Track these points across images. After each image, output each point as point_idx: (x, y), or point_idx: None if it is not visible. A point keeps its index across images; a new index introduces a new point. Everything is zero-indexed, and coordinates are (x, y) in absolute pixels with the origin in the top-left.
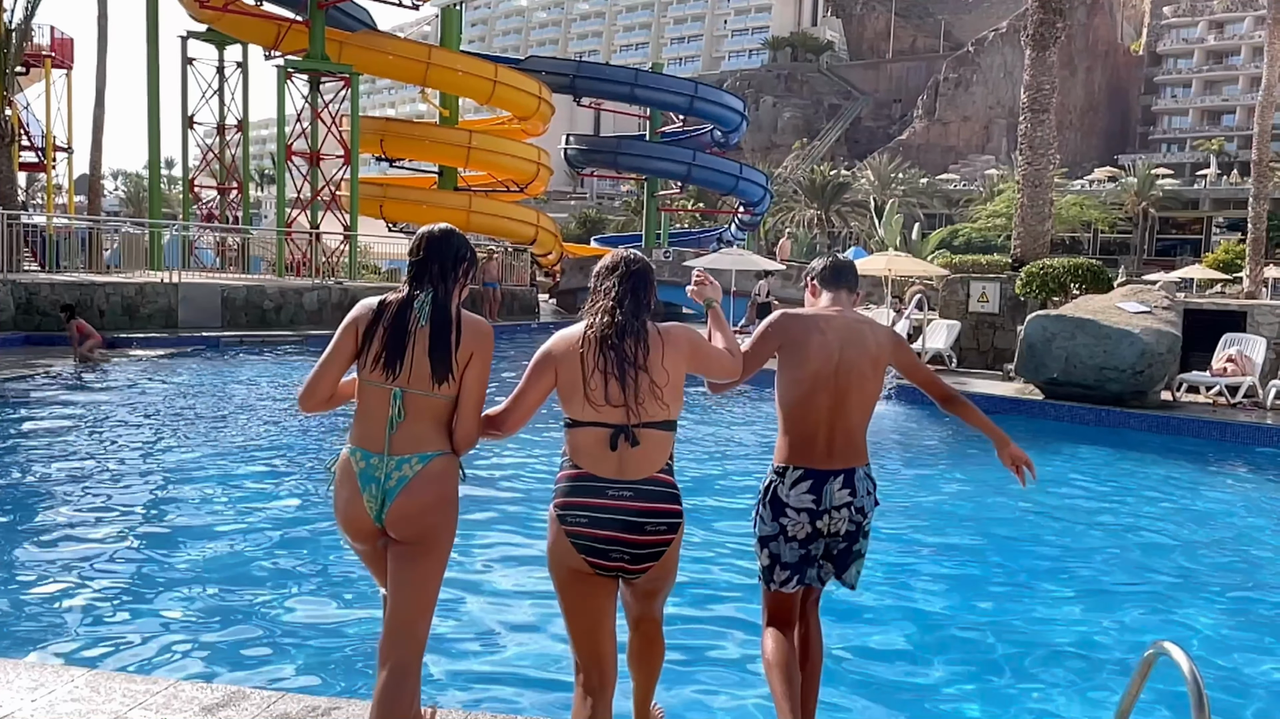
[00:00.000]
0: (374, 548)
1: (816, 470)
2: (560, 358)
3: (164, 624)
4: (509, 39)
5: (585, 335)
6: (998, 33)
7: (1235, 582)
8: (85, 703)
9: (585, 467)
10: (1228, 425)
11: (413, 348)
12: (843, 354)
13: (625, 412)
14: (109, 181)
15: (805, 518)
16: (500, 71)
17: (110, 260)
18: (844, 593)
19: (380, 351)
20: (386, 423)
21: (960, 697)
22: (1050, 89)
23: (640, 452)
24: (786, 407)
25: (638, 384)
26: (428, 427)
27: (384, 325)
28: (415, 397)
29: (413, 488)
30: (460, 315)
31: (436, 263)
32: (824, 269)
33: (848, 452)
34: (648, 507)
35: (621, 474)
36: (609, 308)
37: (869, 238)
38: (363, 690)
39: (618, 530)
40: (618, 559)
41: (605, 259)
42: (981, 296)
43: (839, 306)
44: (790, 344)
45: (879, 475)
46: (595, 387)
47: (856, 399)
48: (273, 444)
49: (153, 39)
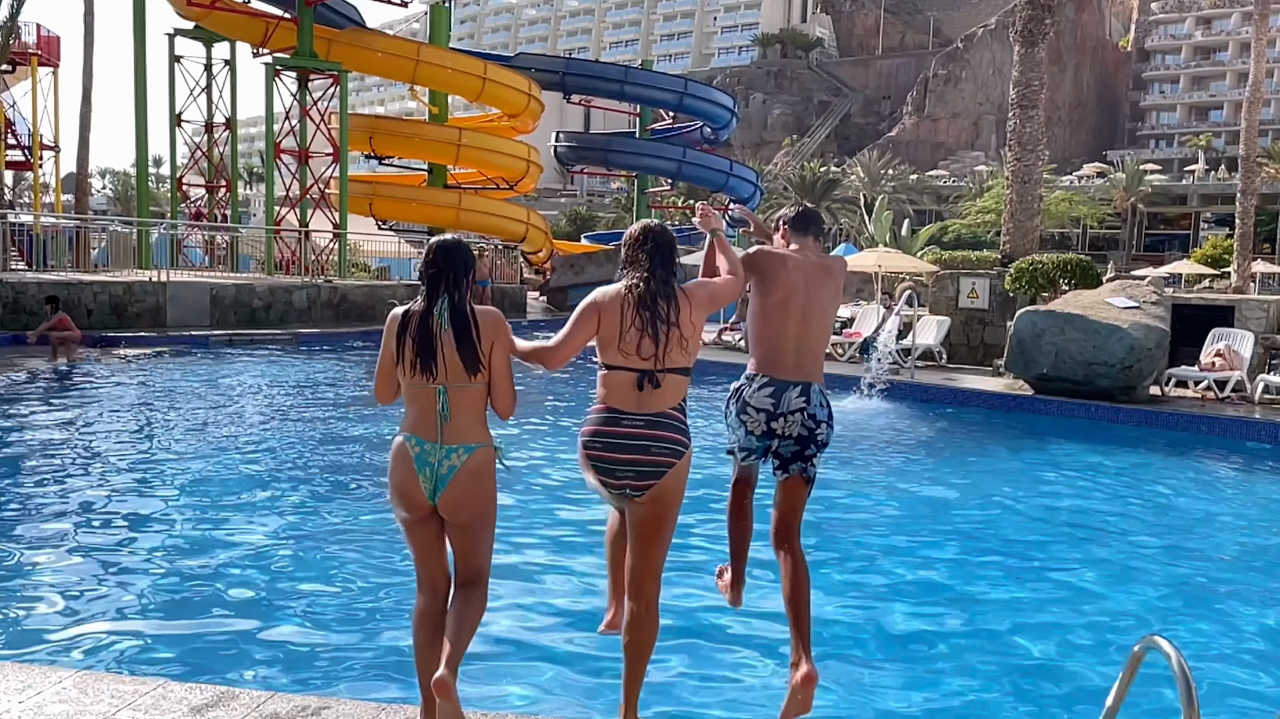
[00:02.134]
0: (420, 520)
1: (779, 380)
2: (604, 309)
3: (153, 624)
4: (498, 36)
5: (625, 295)
6: (986, 29)
7: (1225, 575)
8: (74, 704)
9: (610, 402)
10: (1216, 420)
11: (442, 350)
12: (808, 291)
13: (654, 360)
14: (96, 180)
15: (762, 418)
16: (489, 69)
17: (98, 259)
18: (842, 593)
19: (414, 359)
20: (436, 416)
21: (949, 691)
22: (1039, 85)
23: (659, 392)
24: (757, 329)
25: (668, 338)
26: (470, 418)
27: (411, 336)
28: (457, 390)
29: (460, 481)
30: (474, 312)
31: (450, 272)
32: (795, 217)
33: (808, 369)
34: (655, 433)
35: (639, 408)
36: (643, 275)
37: (859, 234)
38: (352, 689)
39: (627, 453)
40: (624, 477)
41: (633, 229)
42: (971, 293)
43: (806, 251)
44: (762, 276)
45: (875, 471)
46: (630, 340)
47: (818, 328)
48: (262, 444)
49: (140, 36)
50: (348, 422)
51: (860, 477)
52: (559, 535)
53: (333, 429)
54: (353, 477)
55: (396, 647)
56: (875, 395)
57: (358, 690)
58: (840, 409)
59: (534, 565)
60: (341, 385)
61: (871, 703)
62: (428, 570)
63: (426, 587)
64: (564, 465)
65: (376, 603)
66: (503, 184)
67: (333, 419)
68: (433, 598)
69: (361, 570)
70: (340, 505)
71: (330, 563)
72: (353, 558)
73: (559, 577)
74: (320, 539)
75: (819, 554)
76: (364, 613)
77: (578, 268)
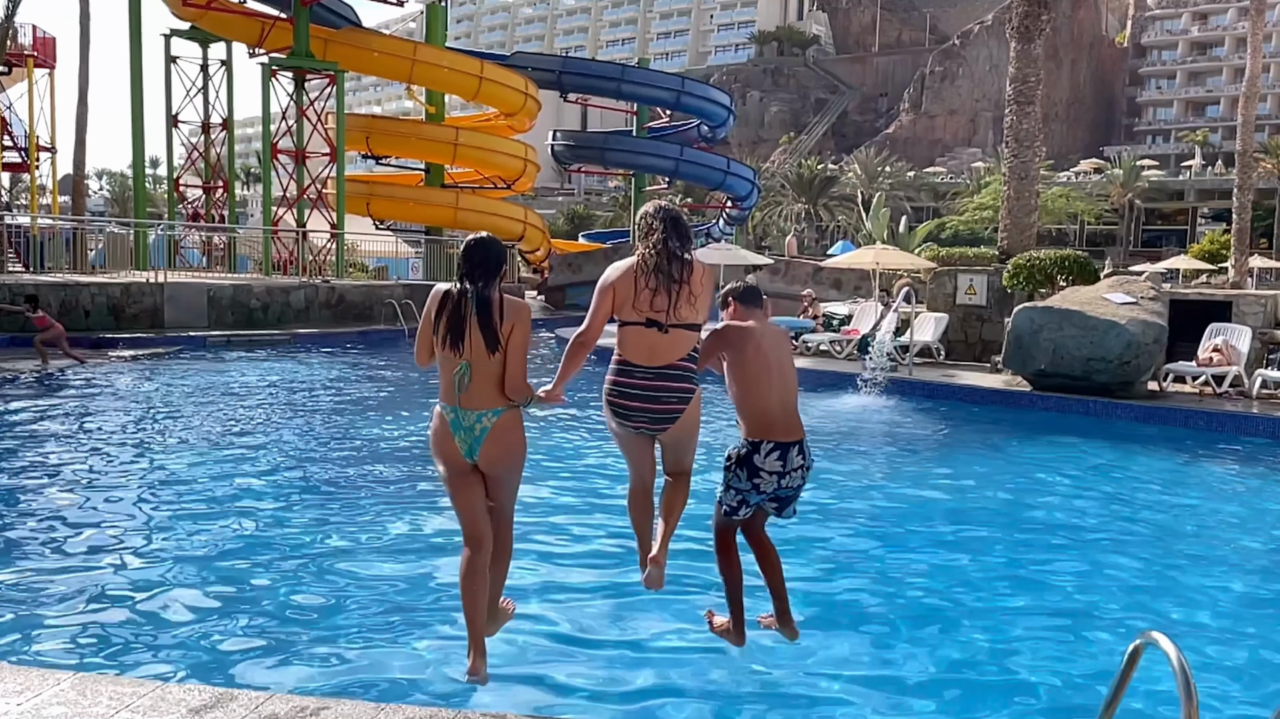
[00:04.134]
0: (461, 474)
1: (783, 443)
2: (617, 281)
3: (151, 626)
4: (494, 35)
5: (639, 263)
6: (983, 26)
7: (1223, 570)
8: (72, 706)
9: (626, 355)
10: (1214, 415)
11: (469, 330)
12: (777, 354)
13: (664, 314)
14: (93, 181)
15: (774, 478)
16: (486, 68)
17: (95, 261)
18: (841, 589)
19: (446, 334)
20: (458, 384)
21: (947, 685)
22: (1035, 82)
23: (669, 343)
24: (746, 397)
25: (679, 295)
26: (492, 388)
27: (445, 316)
28: (479, 364)
29: (494, 436)
30: (503, 298)
31: (480, 267)
32: (743, 293)
33: (796, 424)
34: (665, 384)
35: (650, 361)
36: (659, 244)
37: (856, 231)
38: (351, 689)
39: (638, 401)
40: (638, 420)
41: (647, 206)
42: (969, 289)
43: (758, 320)
44: (736, 348)
45: (873, 468)
46: (644, 299)
47: (792, 384)
48: (262, 445)
49: (135, 37)
50: (347, 422)
51: (858, 474)
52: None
53: (332, 429)
54: (353, 477)
55: (397, 647)
56: (873, 392)
57: (356, 690)
58: (839, 406)
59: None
60: (340, 385)
61: (872, 701)
62: (473, 526)
63: (473, 541)
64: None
65: (377, 603)
66: (500, 183)
67: (332, 419)
68: (478, 551)
69: (361, 571)
70: (340, 506)
71: (330, 563)
72: (353, 558)
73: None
74: (320, 539)
75: (820, 552)
76: (364, 613)
77: (575, 266)
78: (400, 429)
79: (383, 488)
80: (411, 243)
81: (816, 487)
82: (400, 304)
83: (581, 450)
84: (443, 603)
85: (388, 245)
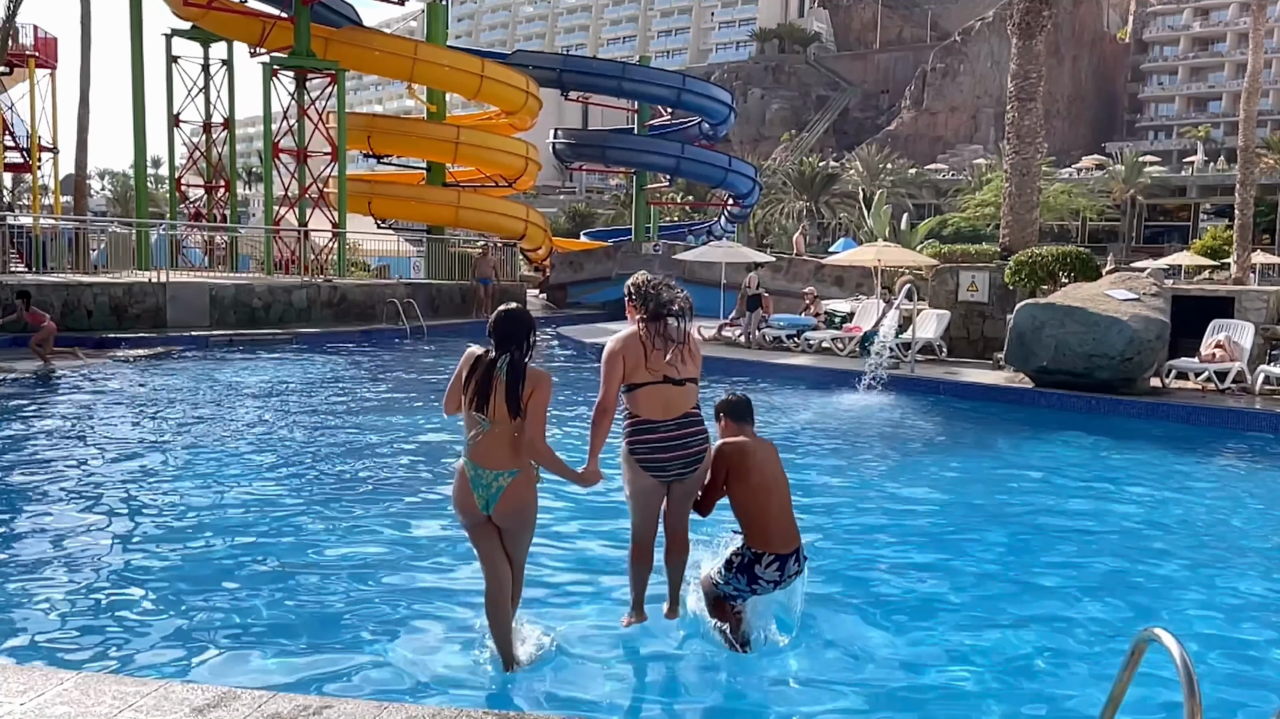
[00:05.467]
0: (479, 525)
1: (782, 555)
2: (624, 350)
3: (154, 625)
4: (495, 34)
5: (641, 330)
6: (984, 22)
7: (1226, 567)
8: (75, 705)
9: (645, 414)
10: (1217, 411)
11: (495, 394)
12: (773, 468)
13: (674, 370)
14: (95, 181)
15: (771, 585)
16: (487, 66)
17: (97, 261)
18: (842, 588)
19: (474, 398)
20: (483, 443)
21: (950, 683)
22: (1037, 78)
23: (682, 394)
24: (748, 511)
25: (684, 352)
26: (511, 449)
27: (475, 379)
28: (501, 427)
29: (508, 495)
30: (526, 368)
31: (510, 338)
32: (733, 409)
33: (793, 533)
34: (688, 431)
35: (668, 414)
36: (656, 310)
37: (858, 228)
38: (353, 689)
39: (672, 451)
40: (673, 468)
41: (636, 279)
42: (971, 286)
43: (749, 436)
44: (735, 465)
45: (875, 465)
46: (655, 360)
47: (787, 494)
48: (262, 444)
49: (136, 37)
50: (350, 421)
51: (860, 471)
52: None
53: (335, 429)
54: (355, 477)
55: (398, 647)
56: (875, 390)
57: (358, 690)
58: (840, 404)
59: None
60: (342, 385)
61: (873, 699)
62: (491, 566)
63: (492, 578)
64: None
65: (378, 603)
66: (501, 182)
67: (335, 419)
68: (498, 586)
69: (363, 570)
70: (342, 506)
71: (332, 563)
72: (355, 558)
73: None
74: (323, 539)
75: (819, 551)
76: (366, 613)
77: (577, 265)
78: (403, 429)
79: (384, 489)
80: (413, 242)
81: (817, 485)
82: (402, 303)
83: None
84: (444, 603)
85: (389, 244)
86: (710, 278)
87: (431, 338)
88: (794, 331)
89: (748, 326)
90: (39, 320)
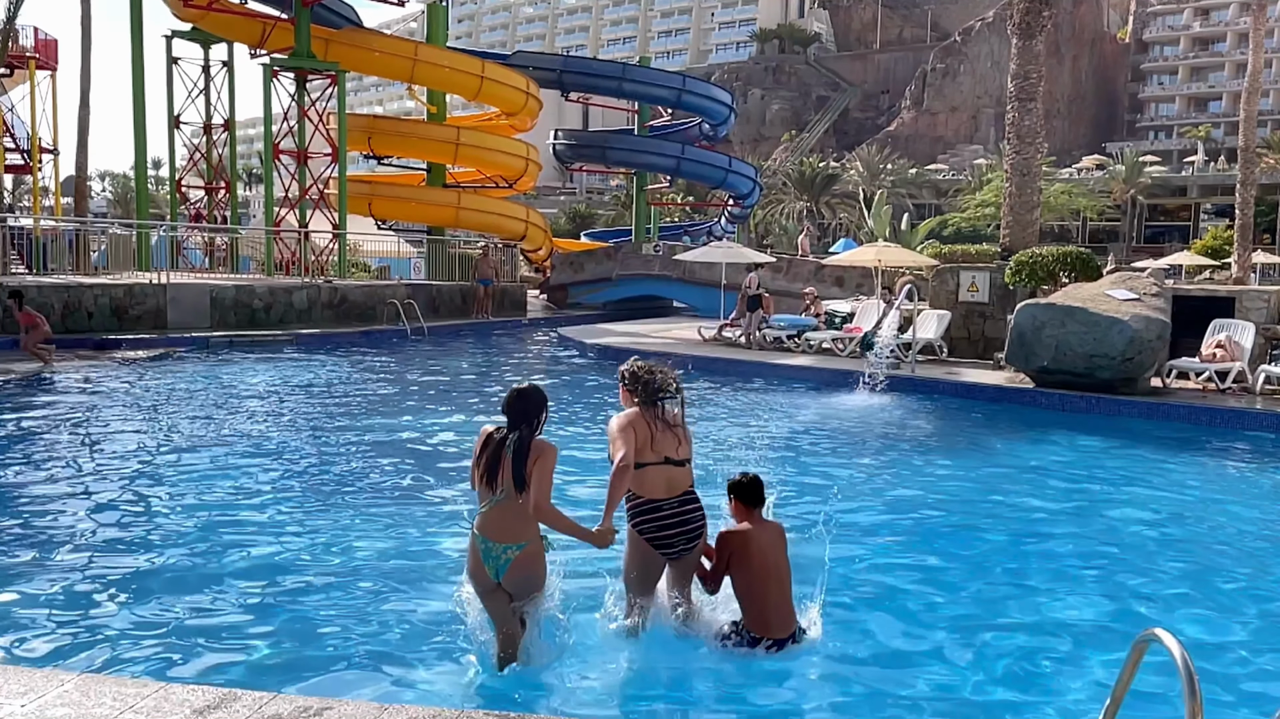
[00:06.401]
0: (490, 592)
1: (779, 639)
2: (634, 424)
3: (154, 627)
4: (495, 34)
5: (643, 413)
6: (984, 22)
7: (1228, 566)
8: (76, 707)
9: (650, 494)
10: (1218, 411)
11: (503, 469)
12: (774, 557)
13: (675, 452)
14: (96, 183)
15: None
16: (487, 67)
17: (98, 262)
18: (842, 586)
19: (483, 474)
20: (492, 517)
21: (949, 681)
22: (1037, 78)
23: (682, 474)
24: (748, 596)
25: (682, 434)
26: (519, 523)
27: (485, 456)
28: (509, 500)
29: (517, 565)
30: (532, 441)
31: (520, 416)
32: (744, 491)
33: (790, 620)
34: (689, 508)
35: (671, 493)
36: (652, 398)
37: (858, 229)
38: (354, 690)
39: (676, 528)
40: (678, 545)
41: (628, 368)
42: (971, 286)
43: (755, 522)
44: (737, 552)
45: (876, 466)
46: (659, 441)
47: (788, 580)
48: (262, 446)
49: (137, 39)
50: (351, 423)
51: (860, 471)
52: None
53: (336, 430)
54: (355, 479)
55: (398, 647)
56: (876, 390)
57: (359, 691)
58: (841, 404)
59: None
60: (343, 385)
61: (873, 697)
62: (502, 624)
63: (503, 636)
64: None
65: (379, 603)
66: (502, 182)
67: (336, 420)
68: (509, 644)
69: (363, 571)
70: (343, 507)
71: (333, 564)
72: (355, 559)
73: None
74: (323, 540)
75: (819, 546)
76: (366, 613)
77: (577, 265)
78: (404, 429)
79: (385, 490)
80: (413, 243)
81: (818, 484)
82: (403, 304)
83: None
84: (445, 603)
85: (390, 245)
86: (710, 278)
87: (432, 339)
88: (794, 332)
89: (748, 327)
90: (31, 321)
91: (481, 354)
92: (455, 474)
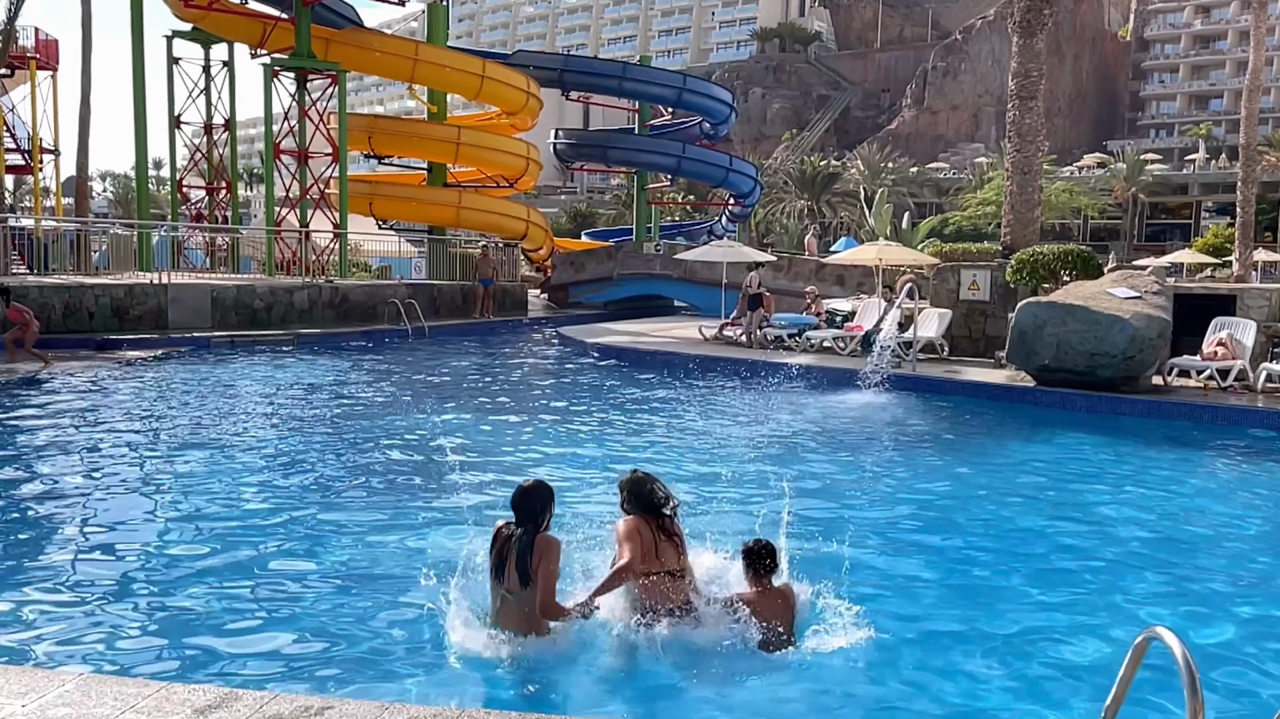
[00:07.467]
0: None
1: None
2: (639, 527)
3: (155, 627)
4: (496, 34)
5: (644, 523)
6: (985, 21)
7: (1229, 565)
8: (77, 707)
9: (646, 601)
10: (1219, 409)
11: (508, 565)
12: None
13: (675, 561)
14: (96, 183)
15: None
16: (488, 67)
17: (99, 262)
18: (842, 586)
19: (492, 568)
20: (504, 614)
21: (950, 680)
22: (1038, 76)
23: (680, 586)
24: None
25: (680, 544)
26: (525, 615)
27: (495, 551)
28: (515, 594)
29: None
30: (536, 537)
31: (526, 515)
32: (758, 558)
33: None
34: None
35: (668, 604)
36: (650, 510)
37: (859, 227)
38: (354, 690)
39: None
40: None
41: (626, 483)
42: (972, 285)
43: (764, 587)
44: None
45: (877, 464)
46: (660, 552)
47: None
48: (263, 447)
49: (137, 39)
50: (352, 423)
51: (861, 470)
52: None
53: (336, 430)
54: (356, 479)
55: (399, 647)
56: (877, 388)
57: (360, 690)
58: (842, 403)
59: None
60: (344, 385)
61: (874, 696)
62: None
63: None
64: None
65: (379, 603)
66: (502, 182)
67: (337, 420)
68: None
69: (364, 571)
70: (344, 508)
71: (333, 563)
72: (357, 559)
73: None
74: (323, 540)
75: (821, 548)
76: (366, 613)
77: (578, 265)
78: (405, 429)
79: (385, 490)
80: (414, 242)
81: (818, 484)
82: (403, 304)
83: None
84: (446, 604)
85: (391, 245)
86: (711, 277)
87: (433, 338)
88: (795, 331)
89: (749, 326)
90: (18, 317)
91: (482, 354)
92: (455, 474)
